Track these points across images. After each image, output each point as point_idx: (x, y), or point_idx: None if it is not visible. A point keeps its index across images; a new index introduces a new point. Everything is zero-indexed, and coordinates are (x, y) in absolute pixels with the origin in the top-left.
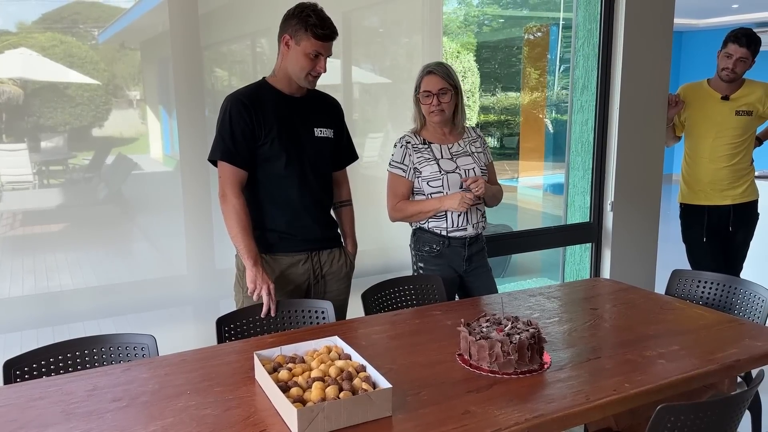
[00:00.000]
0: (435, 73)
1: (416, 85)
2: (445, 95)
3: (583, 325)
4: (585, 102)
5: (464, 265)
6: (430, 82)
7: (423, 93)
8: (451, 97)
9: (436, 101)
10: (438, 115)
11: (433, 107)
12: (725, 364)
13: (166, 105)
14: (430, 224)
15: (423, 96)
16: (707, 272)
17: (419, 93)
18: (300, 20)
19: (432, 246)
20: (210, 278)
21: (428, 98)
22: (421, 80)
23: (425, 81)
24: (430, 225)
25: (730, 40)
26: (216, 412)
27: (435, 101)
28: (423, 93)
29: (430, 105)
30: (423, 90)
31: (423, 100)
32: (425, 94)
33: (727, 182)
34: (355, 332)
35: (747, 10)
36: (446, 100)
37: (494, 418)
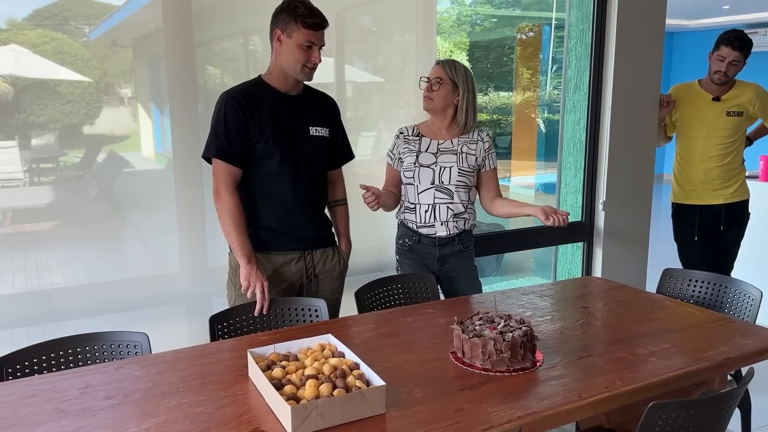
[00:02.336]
0: (439, 64)
1: None
2: (438, 85)
3: (575, 323)
4: (577, 101)
5: (437, 264)
6: (432, 70)
7: (422, 79)
8: (447, 92)
9: (428, 87)
10: (425, 101)
11: (425, 92)
12: (716, 362)
13: (157, 103)
14: (404, 216)
15: (422, 82)
16: (698, 271)
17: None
18: (289, 13)
19: (405, 240)
20: (203, 276)
21: (426, 83)
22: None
23: (431, 70)
24: (405, 217)
25: (722, 43)
26: (209, 409)
27: (428, 87)
28: (422, 79)
29: (425, 91)
30: (422, 77)
31: (421, 86)
32: (424, 80)
33: (719, 182)
34: (349, 330)
35: (738, 11)
36: (436, 89)
37: (487, 416)
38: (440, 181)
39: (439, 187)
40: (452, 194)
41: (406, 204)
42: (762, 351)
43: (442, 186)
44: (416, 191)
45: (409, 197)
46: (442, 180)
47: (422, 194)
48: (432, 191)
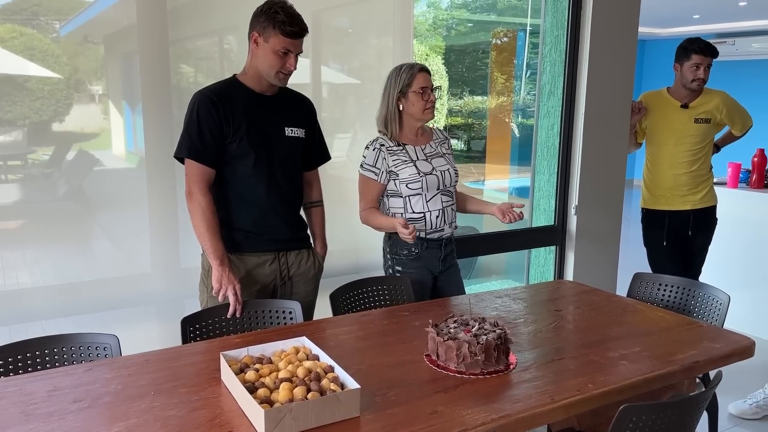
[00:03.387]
0: (427, 71)
1: (404, 84)
2: (433, 93)
3: (548, 326)
4: (551, 107)
5: (440, 265)
6: (425, 79)
7: (421, 89)
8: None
9: (433, 97)
10: (431, 112)
11: (430, 104)
12: (685, 366)
13: (129, 101)
14: None
15: (420, 93)
16: (668, 275)
17: (410, 92)
18: (268, 17)
19: (411, 249)
20: (175, 277)
21: (426, 94)
22: (413, 78)
23: (419, 78)
24: None
25: (693, 51)
26: (181, 413)
27: (432, 98)
28: (421, 89)
29: (427, 101)
30: (420, 86)
31: (421, 97)
32: (422, 90)
33: (687, 188)
34: (323, 333)
35: (707, 21)
36: (433, 99)
37: (461, 418)
38: (444, 185)
39: (444, 191)
40: (452, 195)
41: (408, 215)
42: (729, 354)
43: (446, 189)
44: (425, 200)
45: (414, 207)
46: (446, 183)
47: (431, 201)
48: (439, 196)
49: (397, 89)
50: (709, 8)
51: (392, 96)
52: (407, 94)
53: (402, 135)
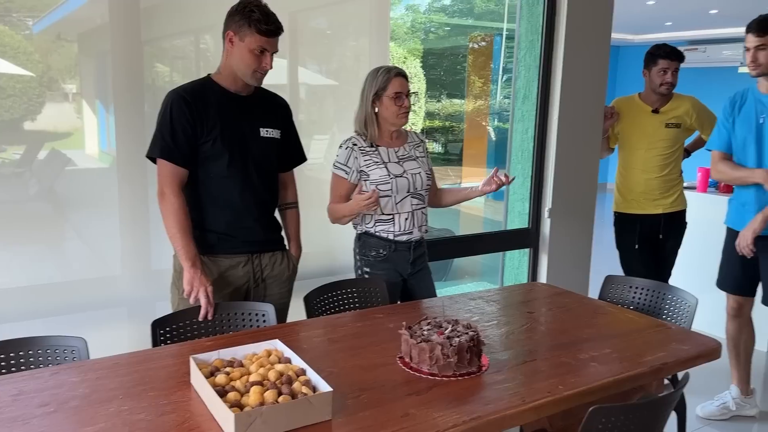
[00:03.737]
0: (403, 76)
1: (379, 87)
2: (409, 98)
3: (520, 328)
4: (526, 111)
5: (409, 268)
6: (400, 83)
7: (395, 94)
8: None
9: (406, 103)
10: (405, 117)
11: (404, 109)
12: (654, 367)
13: (103, 100)
14: (377, 228)
15: (394, 97)
16: (638, 278)
17: (384, 96)
18: (243, 16)
19: (379, 251)
20: (146, 279)
21: (399, 100)
22: (388, 82)
23: (395, 83)
24: (377, 229)
25: (659, 56)
26: (149, 417)
27: (406, 103)
28: (395, 94)
29: (401, 107)
30: (395, 92)
31: (394, 102)
32: (397, 96)
33: (659, 192)
34: (297, 335)
35: (679, 28)
36: (411, 103)
37: (433, 420)
38: (414, 188)
39: (414, 194)
40: (424, 198)
41: (377, 216)
42: (697, 356)
43: (417, 192)
44: (394, 202)
45: (383, 209)
46: (416, 187)
47: (400, 203)
48: (409, 199)
49: (372, 92)
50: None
51: (368, 98)
52: (382, 97)
53: (376, 136)
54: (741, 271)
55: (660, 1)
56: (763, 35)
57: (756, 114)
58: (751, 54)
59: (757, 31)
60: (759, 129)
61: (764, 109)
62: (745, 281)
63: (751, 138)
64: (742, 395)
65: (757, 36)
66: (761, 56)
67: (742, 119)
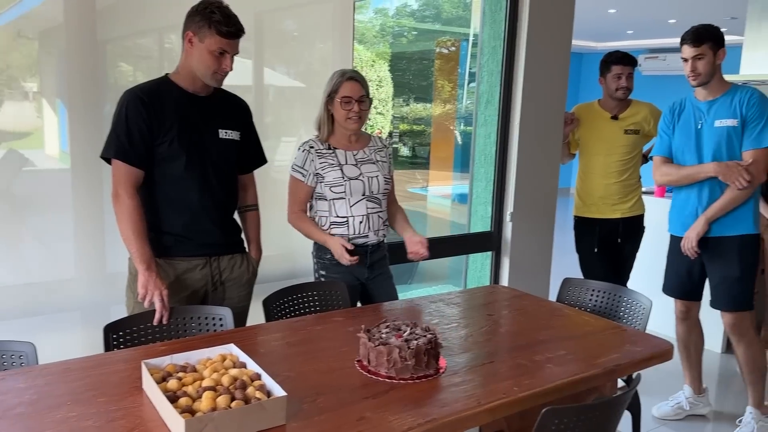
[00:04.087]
0: (356, 80)
1: (331, 89)
2: (363, 103)
3: (479, 330)
4: (489, 116)
5: (366, 272)
6: (351, 88)
7: (343, 99)
8: (368, 106)
9: (356, 108)
10: (356, 122)
11: (353, 114)
12: (607, 369)
13: (64, 99)
14: (332, 232)
15: (342, 102)
16: (595, 281)
17: (335, 98)
18: (204, 17)
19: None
20: (100, 282)
21: (348, 104)
22: (339, 85)
23: (345, 86)
24: (333, 232)
25: (612, 62)
26: (98, 423)
27: (355, 108)
28: (343, 99)
29: (349, 111)
30: (343, 96)
31: (342, 106)
32: (345, 100)
33: (617, 197)
34: (254, 339)
35: (640, 37)
36: (364, 108)
37: (388, 424)
38: (370, 191)
39: (370, 197)
40: (381, 202)
41: (332, 219)
42: (650, 358)
43: (372, 196)
44: (348, 204)
45: (338, 211)
46: (372, 190)
47: (354, 206)
48: (364, 202)
49: (326, 93)
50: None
51: (324, 100)
52: (334, 100)
53: (334, 139)
54: (686, 276)
55: (621, 10)
56: (699, 45)
57: (695, 120)
58: (689, 64)
59: (693, 42)
60: (698, 134)
61: (702, 115)
62: (689, 286)
63: (690, 143)
64: (695, 394)
65: (693, 46)
66: (699, 66)
67: (681, 126)
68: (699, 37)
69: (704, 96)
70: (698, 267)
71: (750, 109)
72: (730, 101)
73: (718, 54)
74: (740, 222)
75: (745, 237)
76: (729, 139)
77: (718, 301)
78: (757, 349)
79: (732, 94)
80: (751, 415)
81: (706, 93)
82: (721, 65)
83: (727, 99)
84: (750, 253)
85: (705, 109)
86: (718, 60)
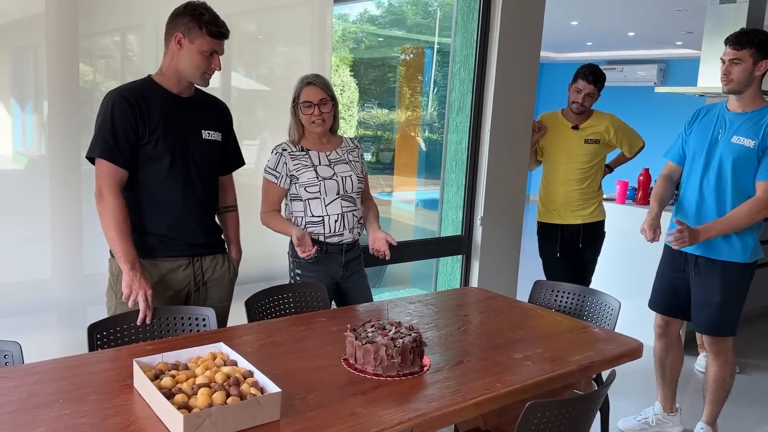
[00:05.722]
0: (315, 84)
1: (295, 95)
2: (325, 105)
3: (457, 330)
4: (460, 123)
5: (341, 271)
6: (310, 92)
7: (303, 103)
8: (330, 108)
9: (317, 111)
10: (320, 125)
11: (315, 117)
12: (582, 366)
13: (19, 98)
14: (307, 230)
15: (304, 106)
16: (565, 283)
17: (299, 103)
18: (193, 18)
19: None
20: (77, 283)
21: (309, 108)
22: (300, 91)
23: (305, 92)
24: (310, 231)
25: (579, 77)
26: (93, 420)
27: (316, 111)
28: (303, 103)
29: (311, 115)
30: (303, 100)
31: (304, 111)
32: (306, 105)
33: (577, 203)
34: (239, 339)
35: (599, 49)
36: (327, 110)
37: (379, 418)
38: (344, 190)
39: (344, 196)
40: (355, 201)
41: (308, 218)
42: (621, 355)
43: (347, 195)
44: (323, 204)
45: (313, 211)
46: (346, 189)
47: (330, 206)
48: (339, 201)
49: (293, 101)
50: (601, 37)
51: (292, 106)
52: (298, 104)
53: (306, 141)
54: (672, 293)
55: (583, 23)
56: (740, 49)
57: (715, 128)
58: (724, 67)
59: (734, 45)
60: (712, 144)
61: (725, 125)
62: (674, 302)
63: (702, 152)
64: (665, 412)
65: (733, 49)
66: (734, 71)
67: (700, 130)
68: (741, 40)
69: (735, 107)
70: (687, 285)
71: None
72: (758, 120)
73: (760, 65)
74: (729, 247)
75: (730, 264)
76: (740, 159)
77: (696, 322)
78: (730, 371)
79: (762, 115)
80: (703, 430)
81: (737, 104)
82: (760, 79)
83: (755, 116)
84: (734, 281)
85: (730, 120)
86: (758, 71)
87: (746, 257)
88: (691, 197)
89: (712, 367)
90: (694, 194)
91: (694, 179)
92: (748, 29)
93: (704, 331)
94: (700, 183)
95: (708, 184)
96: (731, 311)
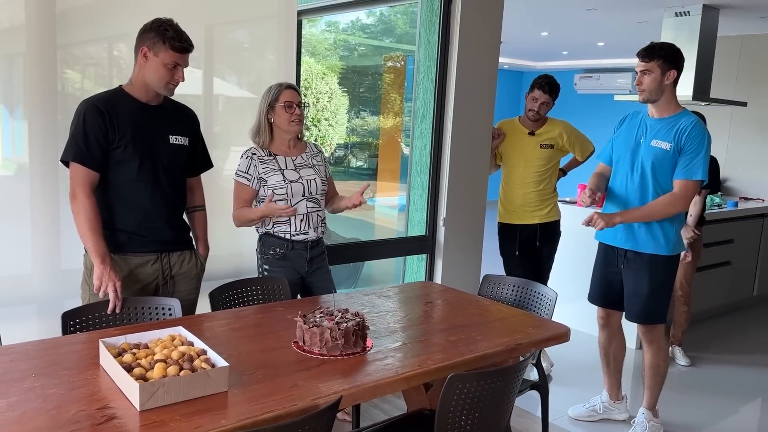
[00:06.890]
0: (293, 88)
1: (272, 98)
2: (300, 107)
3: (405, 317)
4: (424, 129)
5: (306, 266)
6: (290, 95)
7: (285, 104)
8: (302, 110)
9: (297, 111)
10: (298, 124)
11: (295, 117)
12: (510, 347)
13: (8, 105)
14: (275, 229)
15: (285, 107)
16: (510, 277)
17: (277, 105)
18: (158, 33)
19: (276, 249)
20: (55, 278)
21: (291, 108)
22: (279, 94)
23: (286, 94)
24: (276, 230)
25: (536, 87)
26: (61, 391)
27: (297, 111)
28: (285, 104)
29: (291, 114)
30: (285, 101)
31: (285, 110)
32: (287, 105)
33: (535, 204)
34: (200, 325)
35: (574, 57)
36: (300, 113)
37: (317, 389)
38: (309, 192)
39: (309, 197)
40: (319, 202)
41: (275, 218)
42: (548, 339)
43: (312, 196)
44: (290, 205)
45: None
46: (311, 191)
47: (296, 206)
48: (304, 202)
49: (266, 103)
50: (575, 46)
51: (263, 109)
52: (275, 107)
53: (273, 146)
54: (607, 287)
55: (552, 34)
56: (649, 61)
57: (637, 133)
58: (637, 78)
59: (643, 57)
60: (635, 148)
61: (645, 131)
62: (611, 296)
63: (626, 156)
64: (611, 400)
65: (643, 61)
66: (645, 81)
67: (624, 135)
68: (650, 52)
69: (653, 113)
70: (620, 278)
71: (688, 140)
72: (673, 125)
73: (668, 74)
74: (653, 241)
75: (655, 257)
76: (659, 161)
77: (629, 312)
78: (664, 357)
79: (677, 119)
80: (644, 415)
81: (654, 111)
82: (672, 87)
83: (671, 122)
84: (660, 272)
85: (650, 125)
86: (666, 80)
87: (669, 250)
88: (618, 196)
89: (647, 354)
90: (621, 193)
91: (621, 179)
92: (656, 43)
93: (636, 320)
94: (626, 183)
95: (633, 184)
96: (659, 301)
